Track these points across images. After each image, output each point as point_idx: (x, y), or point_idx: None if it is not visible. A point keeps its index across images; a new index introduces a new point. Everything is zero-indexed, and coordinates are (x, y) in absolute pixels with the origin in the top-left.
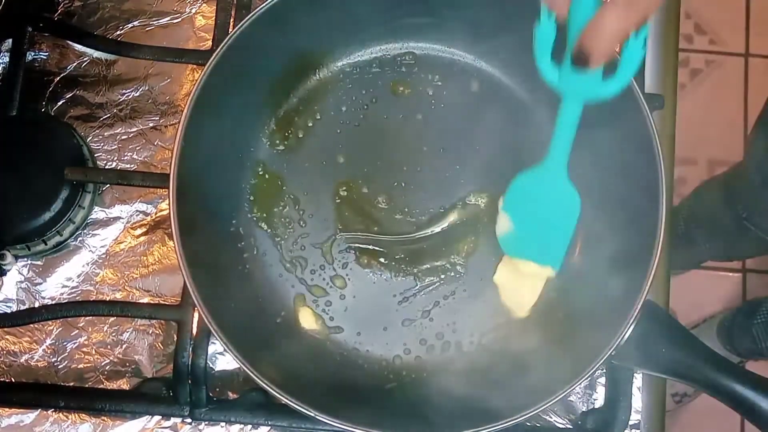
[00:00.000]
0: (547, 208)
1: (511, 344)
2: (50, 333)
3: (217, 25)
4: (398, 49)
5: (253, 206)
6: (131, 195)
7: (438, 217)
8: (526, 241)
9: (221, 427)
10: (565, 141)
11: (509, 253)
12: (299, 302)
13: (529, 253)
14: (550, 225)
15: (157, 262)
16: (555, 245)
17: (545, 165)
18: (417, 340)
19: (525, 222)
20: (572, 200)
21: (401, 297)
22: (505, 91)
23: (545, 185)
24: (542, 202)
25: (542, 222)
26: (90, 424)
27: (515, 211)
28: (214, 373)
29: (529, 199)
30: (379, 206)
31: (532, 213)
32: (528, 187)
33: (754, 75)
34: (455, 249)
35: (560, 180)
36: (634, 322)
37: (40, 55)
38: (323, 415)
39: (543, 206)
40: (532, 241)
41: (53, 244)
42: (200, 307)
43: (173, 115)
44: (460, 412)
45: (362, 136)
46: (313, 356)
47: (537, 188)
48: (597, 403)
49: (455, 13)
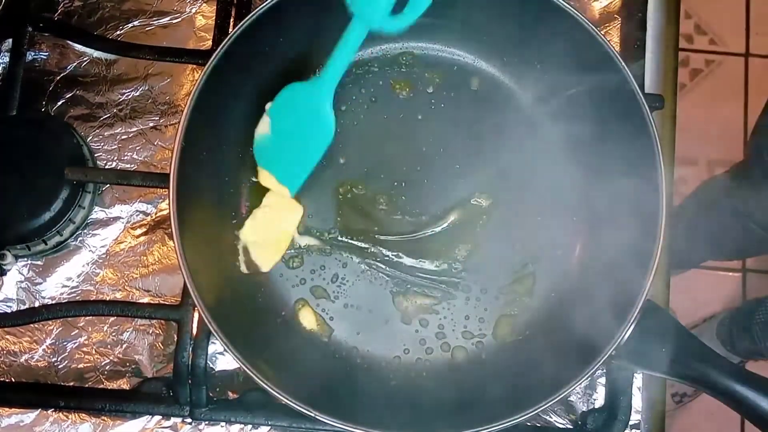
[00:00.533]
0: (305, 126)
1: (511, 344)
2: (50, 333)
3: (217, 25)
4: (398, 49)
5: (253, 206)
6: (131, 195)
7: (438, 217)
8: (277, 154)
9: (221, 427)
10: (340, 62)
11: (258, 159)
12: (299, 302)
13: (275, 167)
14: (303, 146)
15: (157, 262)
16: (299, 168)
17: (315, 82)
18: (416, 340)
19: (282, 133)
20: (328, 125)
21: (401, 297)
22: (505, 90)
23: (310, 102)
24: (303, 119)
25: (297, 139)
26: (90, 424)
27: (277, 119)
28: (214, 373)
29: (292, 111)
30: (378, 206)
31: (291, 127)
32: (296, 99)
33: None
34: (455, 249)
35: (324, 101)
36: (634, 322)
37: (40, 55)
38: (323, 415)
39: (302, 123)
40: (282, 156)
41: (53, 244)
42: (200, 307)
43: (173, 114)
44: (460, 412)
45: (362, 136)
46: (313, 356)
47: (302, 102)
48: (597, 403)
49: (455, 13)
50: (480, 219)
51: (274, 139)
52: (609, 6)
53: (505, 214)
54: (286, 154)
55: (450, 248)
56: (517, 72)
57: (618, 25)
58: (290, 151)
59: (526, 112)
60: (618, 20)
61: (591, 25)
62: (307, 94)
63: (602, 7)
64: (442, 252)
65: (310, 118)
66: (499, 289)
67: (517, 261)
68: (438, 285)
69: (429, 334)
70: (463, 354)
